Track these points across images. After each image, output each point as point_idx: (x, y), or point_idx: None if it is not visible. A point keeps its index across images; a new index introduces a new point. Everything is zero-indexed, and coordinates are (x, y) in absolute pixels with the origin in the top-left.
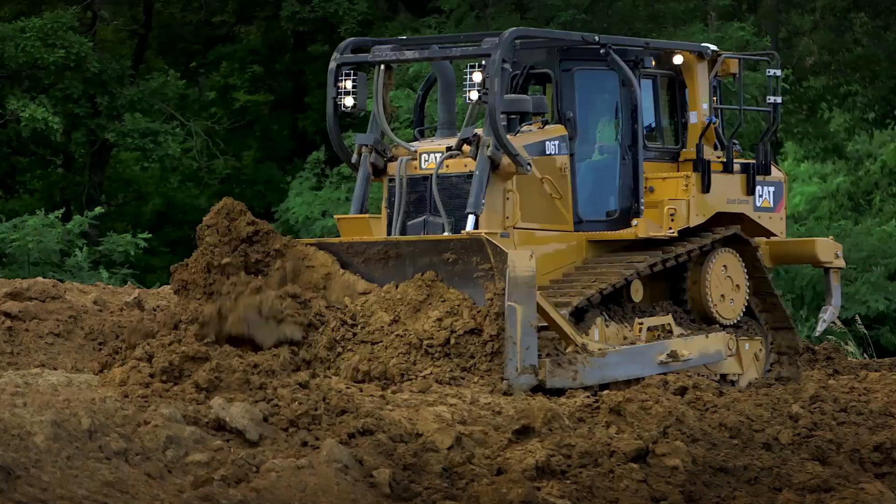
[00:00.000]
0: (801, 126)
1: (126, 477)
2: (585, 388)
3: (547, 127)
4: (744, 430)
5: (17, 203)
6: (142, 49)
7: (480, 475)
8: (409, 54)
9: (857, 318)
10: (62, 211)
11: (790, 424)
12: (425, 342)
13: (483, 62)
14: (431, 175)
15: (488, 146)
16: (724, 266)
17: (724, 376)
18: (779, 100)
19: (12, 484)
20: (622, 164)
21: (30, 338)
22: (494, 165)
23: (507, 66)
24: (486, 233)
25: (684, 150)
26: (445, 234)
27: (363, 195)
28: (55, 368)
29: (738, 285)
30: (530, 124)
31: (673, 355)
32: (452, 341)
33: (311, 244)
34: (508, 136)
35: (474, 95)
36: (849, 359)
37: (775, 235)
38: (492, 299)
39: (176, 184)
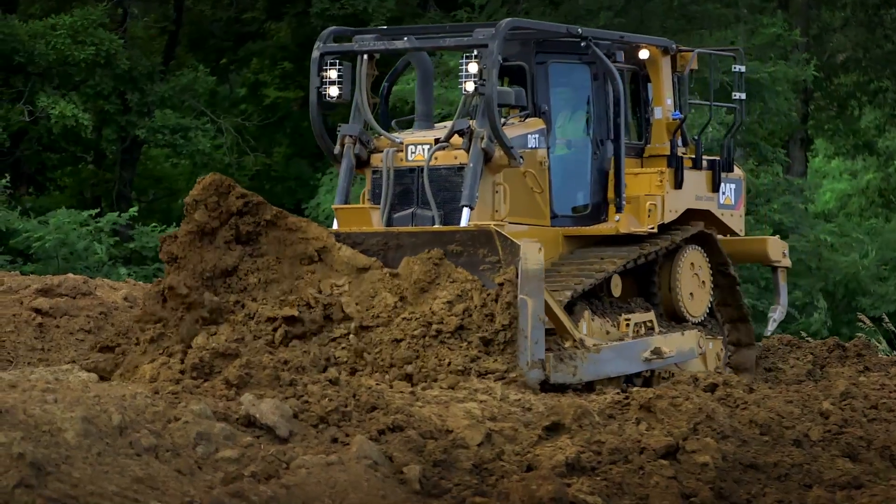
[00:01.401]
0: (832, 123)
1: (156, 473)
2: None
3: (528, 120)
4: (774, 427)
5: (47, 200)
6: (172, 46)
7: (510, 472)
8: (399, 44)
9: (885, 316)
10: (96, 211)
11: (820, 421)
12: (434, 326)
13: (476, 52)
14: (419, 167)
15: (482, 138)
16: (692, 263)
17: None
18: (743, 96)
19: (43, 480)
20: (593, 159)
21: (60, 334)
22: (487, 158)
23: (501, 57)
24: (494, 224)
25: (648, 145)
26: (436, 226)
27: (347, 187)
28: None
29: (703, 283)
30: (512, 117)
31: (657, 352)
32: (464, 328)
33: None
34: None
35: (470, 86)
36: (880, 356)
37: (736, 233)
38: (502, 285)
39: None
